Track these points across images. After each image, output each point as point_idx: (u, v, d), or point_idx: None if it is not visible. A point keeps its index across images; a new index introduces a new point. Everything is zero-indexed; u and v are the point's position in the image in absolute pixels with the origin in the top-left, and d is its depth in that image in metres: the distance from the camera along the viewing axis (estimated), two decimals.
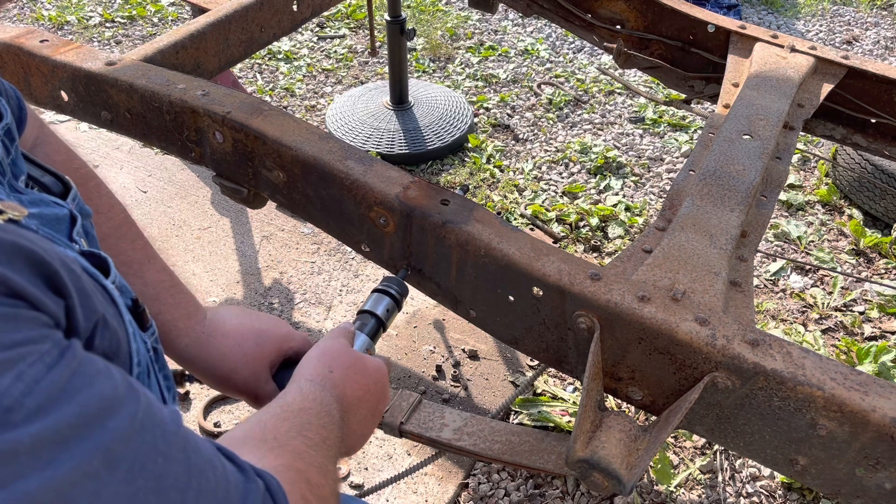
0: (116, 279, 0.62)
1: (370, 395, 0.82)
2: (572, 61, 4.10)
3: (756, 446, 0.98)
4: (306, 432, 0.66)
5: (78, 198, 0.70)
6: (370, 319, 1.02)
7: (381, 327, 1.02)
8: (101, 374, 0.42)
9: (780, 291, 2.62)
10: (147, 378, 0.62)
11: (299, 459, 0.62)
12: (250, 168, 1.34)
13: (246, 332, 0.92)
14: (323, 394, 0.74)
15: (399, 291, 1.07)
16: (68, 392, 0.39)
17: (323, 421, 0.70)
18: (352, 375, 0.80)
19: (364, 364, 0.83)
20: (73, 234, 0.63)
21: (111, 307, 0.55)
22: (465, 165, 3.23)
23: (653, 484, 1.97)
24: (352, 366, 0.81)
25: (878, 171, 2.84)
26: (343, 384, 0.78)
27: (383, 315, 1.03)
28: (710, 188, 1.27)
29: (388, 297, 1.05)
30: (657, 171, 3.24)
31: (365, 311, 1.03)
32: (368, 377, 0.82)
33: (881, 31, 4.59)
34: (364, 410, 0.80)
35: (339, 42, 4.24)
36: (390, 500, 1.91)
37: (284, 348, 0.94)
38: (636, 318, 0.97)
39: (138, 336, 0.61)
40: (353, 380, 0.80)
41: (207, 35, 1.72)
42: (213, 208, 2.91)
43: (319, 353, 0.82)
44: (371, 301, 1.05)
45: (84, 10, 4.48)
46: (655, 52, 2.00)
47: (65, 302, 0.45)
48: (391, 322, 1.05)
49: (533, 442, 1.19)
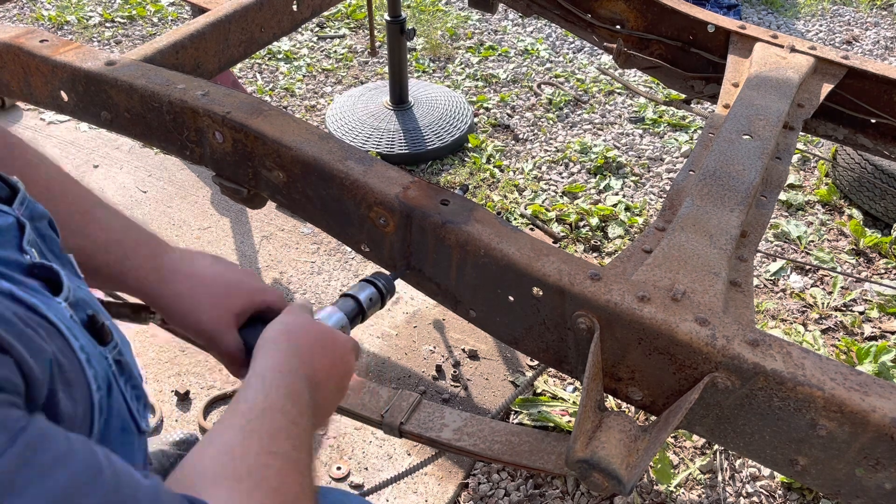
0: (71, 294, 0.59)
1: (337, 369, 0.80)
2: (572, 61, 4.10)
3: (756, 446, 0.98)
4: (277, 444, 0.64)
5: (27, 200, 0.65)
6: (351, 302, 1.01)
7: (361, 314, 1.02)
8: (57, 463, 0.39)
9: (780, 291, 2.62)
10: (108, 397, 0.59)
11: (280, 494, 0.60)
12: (250, 168, 1.34)
13: (217, 277, 0.89)
14: (289, 378, 0.72)
15: (386, 287, 1.06)
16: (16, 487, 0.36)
17: (291, 417, 0.68)
18: (320, 349, 0.78)
19: (332, 337, 0.82)
20: (23, 245, 0.59)
21: (58, 339, 0.52)
22: (465, 165, 3.23)
23: (653, 484, 1.97)
24: (319, 339, 0.80)
25: (878, 171, 2.84)
26: (311, 359, 0.76)
27: (365, 302, 1.02)
28: (710, 188, 1.27)
29: (374, 287, 1.05)
30: (657, 171, 3.24)
31: (348, 294, 1.03)
32: (336, 351, 0.81)
33: (881, 31, 4.59)
34: (332, 385, 0.79)
35: (339, 42, 4.24)
36: (390, 500, 1.91)
37: (256, 300, 0.91)
38: (636, 319, 0.97)
39: (94, 358, 0.58)
40: (321, 354, 0.78)
41: (207, 35, 1.72)
42: (213, 208, 2.91)
43: (285, 327, 0.79)
44: (356, 287, 1.05)
45: (84, 10, 4.47)
46: (655, 52, 2.00)
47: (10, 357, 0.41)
48: (372, 312, 1.04)
49: (533, 442, 1.19)
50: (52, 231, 0.69)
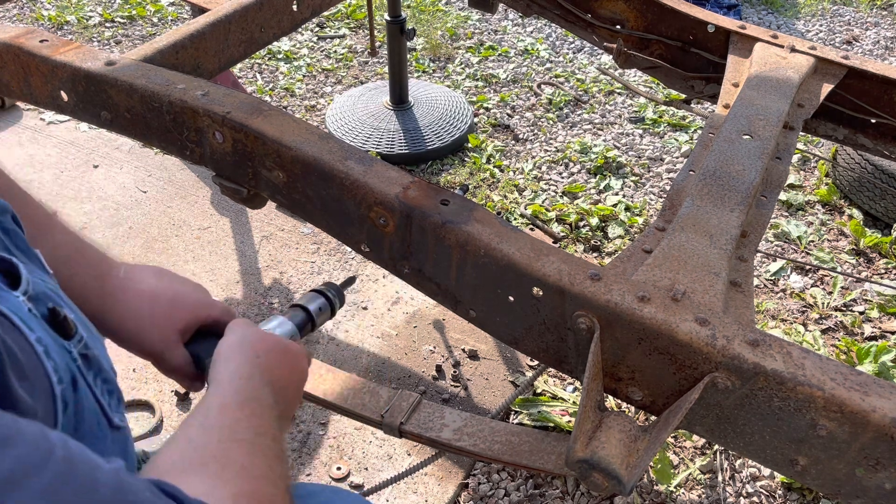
0: (30, 287, 0.60)
1: (294, 375, 0.82)
2: (572, 61, 4.10)
3: (756, 446, 0.98)
4: (238, 433, 0.65)
5: None
6: (301, 313, 1.02)
7: (311, 323, 1.03)
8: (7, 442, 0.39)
9: (780, 291, 2.62)
10: (73, 391, 0.59)
11: (247, 480, 0.61)
12: (250, 168, 1.34)
13: (160, 293, 0.89)
14: (251, 381, 0.73)
15: (336, 296, 1.07)
16: None
17: (251, 409, 0.69)
18: (278, 358, 0.80)
19: (286, 346, 0.84)
20: None
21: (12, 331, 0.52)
22: (465, 165, 3.23)
23: (653, 484, 1.97)
24: (275, 349, 0.81)
25: (878, 171, 2.84)
26: (271, 368, 0.78)
27: (315, 312, 1.03)
28: (710, 188, 1.27)
29: (323, 297, 1.06)
30: (657, 171, 3.24)
31: (297, 304, 1.04)
32: (291, 358, 0.83)
33: (881, 31, 4.59)
34: (292, 392, 0.81)
35: (339, 42, 4.24)
36: (390, 500, 1.91)
37: (201, 316, 0.91)
38: (636, 319, 0.97)
39: (54, 351, 0.58)
40: (278, 361, 0.80)
41: (207, 35, 1.72)
42: (212, 208, 2.91)
43: (239, 341, 0.80)
44: (306, 297, 1.06)
45: (84, 10, 4.47)
46: (655, 52, 2.00)
47: None
48: (322, 322, 1.05)
49: (533, 442, 1.19)
50: (17, 226, 0.70)
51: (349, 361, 2.28)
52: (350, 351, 2.32)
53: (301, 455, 2.00)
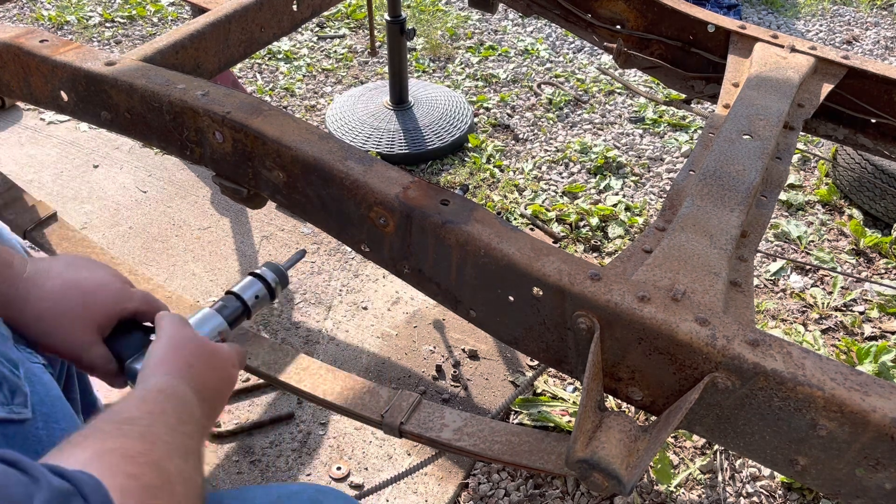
0: None
1: (222, 382, 0.82)
2: (572, 61, 4.10)
3: (756, 446, 0.98)
4: (120, 415, 0.63)
5: None
6: (234, 302, 0.96)
7: (246, 313, 0.97)
8: None
9: (780, 291, 2.62)
10: None
11: (111, 439, 0.59)
12: (250, 168, 1.34)
13: (69, 293, 0.85)
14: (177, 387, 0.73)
15: (276, 279, 1.00)
16: None
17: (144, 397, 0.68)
18: (209, 369, 0.80)
19: (219, 356, 0.83)
20: None
21: None
22: (465, 165, 3.23)
23: (653, 484, 1.97)
24: (208, 359, 0.81)
25: (878, 171, 2.84)
26: (202, 377, 0.78)
27: (250, 300, 0.97)
28: (710, 188, 1.27)
29: (262, 282, 0.99)
30: (657, 171, 3.24)
31: (231, 292, 0.98)
32: (223, 369, 0.83)
33: (881, 31, 4.59)
34: (219, 397, 0.81)
35: (339, 42, 4.24)
36: (390, 500, 1.91)
37: (116, 310, 0.87)
38: (636, 319, 0.97)
39: None
40: (209, 373, 0.80)
41: (207, 35, 1.72)
42: (213, 208, 2.91)
43: (172, 345, 0.79)
44: (241, 284, 0.99)
45: (84, 10, 4.48)
46: (655, 52, 2.00)
47: None
48: (259, 309, 0.99)
49: (533, 442, 1.19)
50: None
51: (349, 361, 2.28)
52: (350, 351, 2.32)
53: (301, 455, 2.00)
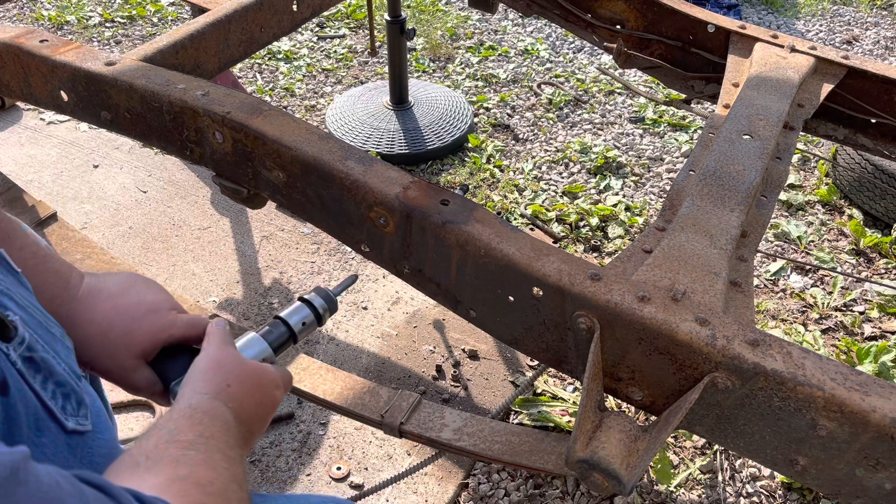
0: None
1: (264, 408, 0.82)
2: (572, 61, 4.10)
3: (756, 446, 0.98)
4: (178, 436, 0.64)
5: None
6: (281, 327, 0.97)
7: (292, 338, 0.98)
8: None
9: (780, 291, 2.62)
10: (3, 395, 0.58)
11: (181, 466, 0.60)
12: (250, 168, 1.34)
13: (116, 319, 0.86)
14: (215, 408, 0.73)
15: (324, 306, 1.02)
16: None
17: (197, 419, 0.68)
18: (248, 389, 0.79)
19: (259, 377, 0.82)
20: None
21: None
22: (465, 165, 3.23)
23: (653, 484, 1.97)
24: (248, 379, 0.80)
25: (878, 171, 2.84)
26: (240, 398, 0.77)
27: (296, 326, 0.98)
28: (710, 188, 1.27)
29: (310, 308, 1.00)
30: (657, 171, 3.24)
31: (279, 317, 0.99)
32: (264, 390, 0.82)
33: (881, 31, 4.59)
34: (258, 421, 0.80)
35: (339, 42, 4.24)
36: (390, 500, 1.91)
37: (162, 337, 0.87)
38: (636, 319, 0.97)
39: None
40: (249, 394, 0.79)
41: (207, 35, 1.72)
42: (213, 208, 2.91)
43: (212, 365, 0.79)
44: (290, 309, 1.00)
45: (84, 10, 4.48)
46: (655, 52, 2.00)
47: None
48: (306, 335, 1.00)
49: (533, 442, 1.19)
50: None
51: (349, 361, 2.28)
52: (350, 351, 2.32)
53: (301, 455, 2.00)
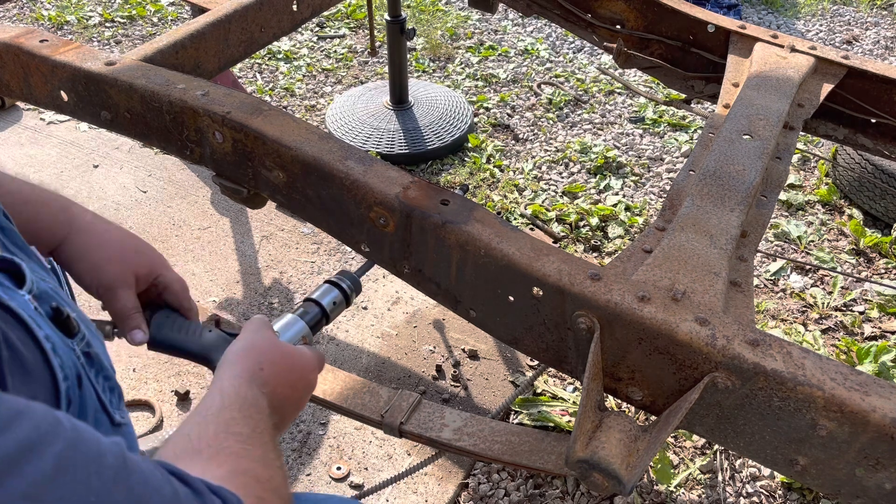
0: (34, 286, 0.61)
1: (297, 391, 0.82)
2: (572, 61, 4.10)
3: (756, 446, 0.98)
4: (234, 428, 0.66)
5: None
6: (314, 308, 1.01)
7: (325, 318, 1.02)
8: (20, 415, 0.41)
9: (780, 291, 2.62)
10: (78, 389, 0.60)
11: (242, 459, 0.61)
12: (250, 168, 1.34)
13: (124, 240, 0.94)
14: (250, 389, 0.74)
15: (351, 287, 1.07)
16: None
17: (248, 412, 0.70)
18: (281, 372, 0.80)
19: (293, 359, 0.83)
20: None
21: (18, 328, 0.53)
22: (465, 165, 3.23)
23: (653, 484, 1.97)
24: (281, 361, 0.81)
25: (878, 171, 2.84)
26: (273, 381, 0.78)
27: (328, 306, 1.03)
28: (710, 188, 1.27)
29: (338, 289, 1.05)
30: (657, 171, 3.24)
31: (311, 299, 1.03)
32: (297, 372, 0.83)
33: (881, 31, 4.59)
34: (291, 405, 0.81)
35: (339, 42, 4.24)
36: (390, 500, 1.91)
37: (156, 270, 0.94)
38: (636, 319, 0.97)
39: (61, 349, 0.59)
40: (282, 376, 0.80)
41: (207, 35, 1.72)
42: (212, 208, 2.91)
43: (247, 347, 0.80)
44: (320, 291, 1.04)
45: (84, 10, 4.47)
46: (655, 52, 2.00)
47: None
48: (336, 314, 1.05)
49: (533, 442, 1.19)
50: (8, 221, 0.70)
51: (349, 361, 2.28)
52: (350, 351, 2.32)
53: (301, 455, 2.00)
